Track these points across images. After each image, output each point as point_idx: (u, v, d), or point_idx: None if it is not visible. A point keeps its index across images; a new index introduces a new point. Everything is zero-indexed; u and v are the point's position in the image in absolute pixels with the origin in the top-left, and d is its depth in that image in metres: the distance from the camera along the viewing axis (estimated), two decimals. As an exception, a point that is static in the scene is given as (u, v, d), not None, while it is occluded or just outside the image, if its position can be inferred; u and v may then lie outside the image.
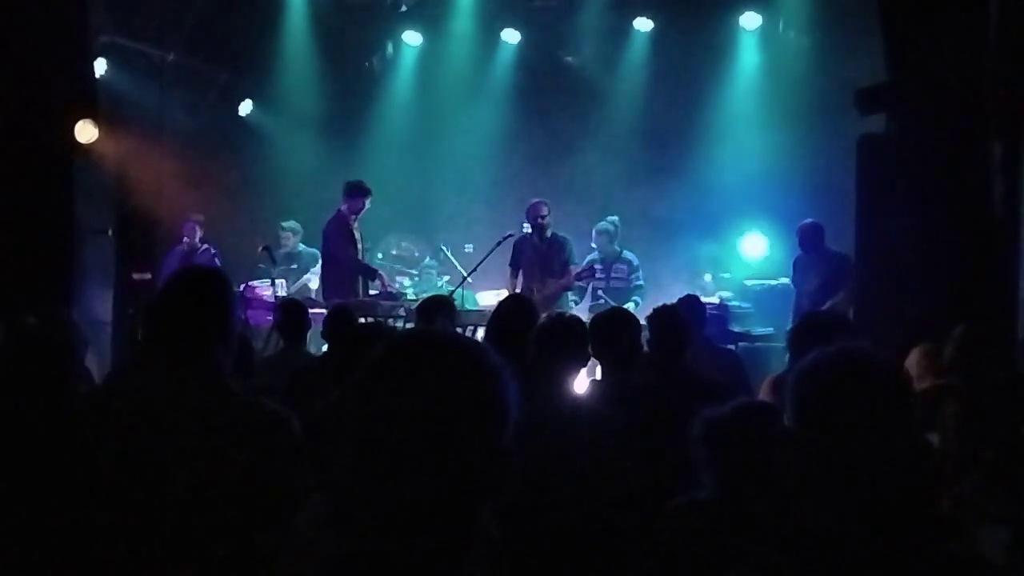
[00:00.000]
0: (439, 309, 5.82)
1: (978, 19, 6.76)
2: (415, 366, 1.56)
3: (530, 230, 9.91)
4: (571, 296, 10.20)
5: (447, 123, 13.01)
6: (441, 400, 1.54)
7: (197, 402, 2.70)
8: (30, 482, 2.81)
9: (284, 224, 11.33)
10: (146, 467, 2.61)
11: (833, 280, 9.14)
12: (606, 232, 10.35)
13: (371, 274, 9.64)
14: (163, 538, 2.57)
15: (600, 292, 10.17)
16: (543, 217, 9.74)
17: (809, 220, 9.75)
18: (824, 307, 8.77)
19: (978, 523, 3.82)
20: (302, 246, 11.15)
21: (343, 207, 9.65)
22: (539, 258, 9.75)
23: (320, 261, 10.31)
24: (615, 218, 10.56)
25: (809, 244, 9.50)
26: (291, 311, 6.61)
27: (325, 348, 6.40)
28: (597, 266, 10.13)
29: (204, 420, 2.66)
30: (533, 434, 3.74)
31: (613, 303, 9.28)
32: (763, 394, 6.19)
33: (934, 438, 4.33)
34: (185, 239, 10.93)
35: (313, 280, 10.77)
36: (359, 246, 9.68)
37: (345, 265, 9.49)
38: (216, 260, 10.57)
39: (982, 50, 6.78)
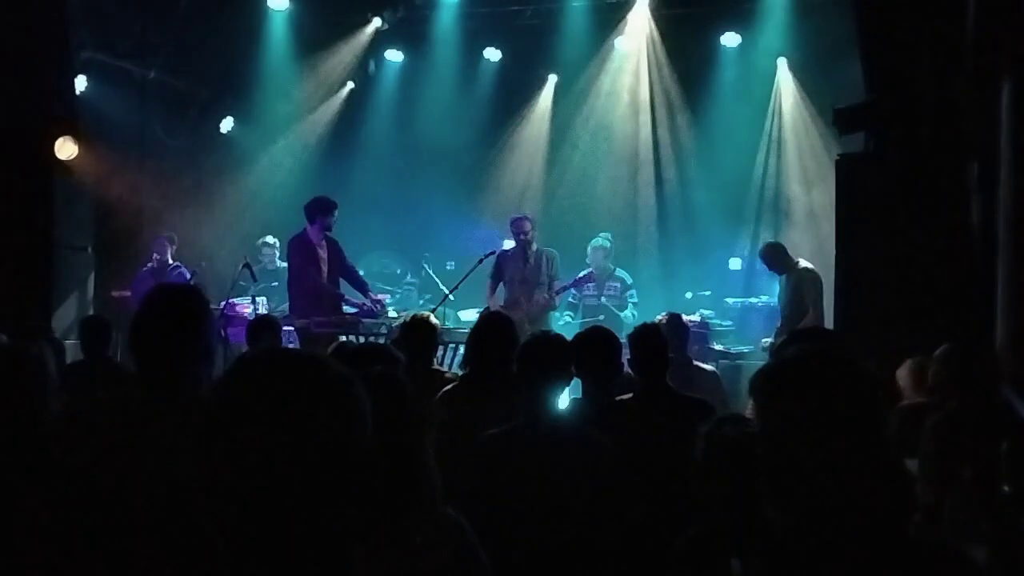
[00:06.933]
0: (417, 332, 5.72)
1: (955, 39, 6.83)
2: (266, 387, 1.62)
3: (511, 245, 9.91)
4: (566, 312, 10.25)
5: (429, 140, 13.03)
6: (295, 414, 1.59)
7: (168, 421, 2.68)
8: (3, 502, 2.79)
9: (266, 239, 11.28)
10: (114, 486, 2.59)
11: (798, 295, 9.19)
12: (602, 248, 10.37)
13: (334, 297, 9.50)
14: (130, 561, 2.55)
15: (594, 302, 10.22)
16: (526, 233, 9.71)
17: (768, 242, 9.84)
18: (798, 326, 8.83)
19: (954, 541, 3.84)
20: (280, 263, 11.04)
21: (308, 228, 9.47)
22: (524, 273, 9.73)
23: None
24: (609, 234, 10.58)
25: (772, 264, 9.54)
26: (260, 326, 6.62)
27: None
28: (590, 283, 10.18)
29: (174, 439, 2.65)
30: (517, 451, 3.75)
31: (603, 320, 9.35)
32: (749, 413, 6.22)
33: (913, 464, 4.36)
34: (155, 255, 10.78)
35: None
36: (324, 267, 9.42)
37: (307, 286, 9.40)
38: (187, 279, 10.43)
39: (959, 69, 6.85)
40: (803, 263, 9.42)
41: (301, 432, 1.58)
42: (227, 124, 12.63)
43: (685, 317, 7.72)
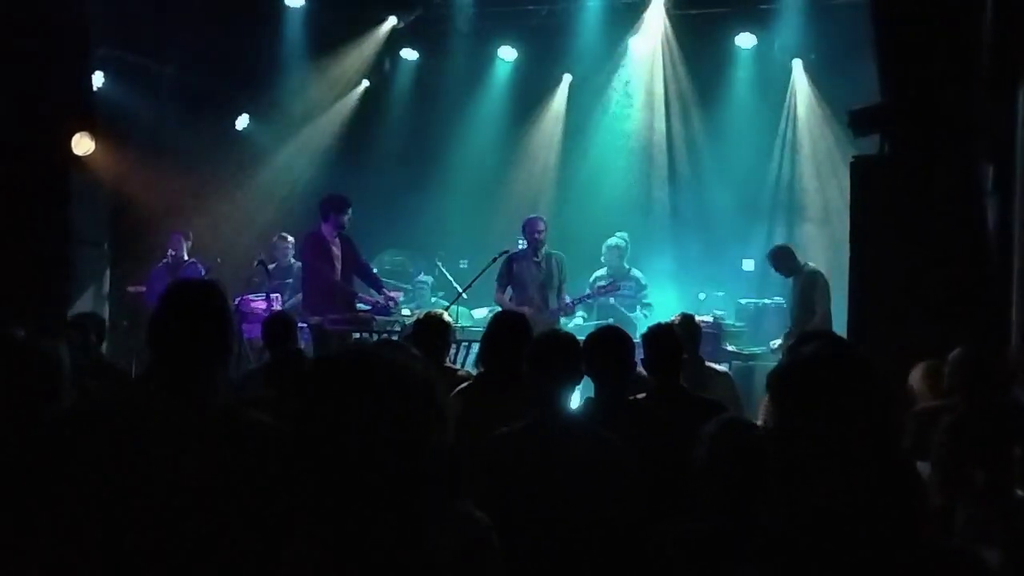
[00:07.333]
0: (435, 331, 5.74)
1: (971, 41, 6.82)
2: (350, 386, 1.69)
3: (525, 246, 9.86)
4: (579, 312, 10.22)
5: (443, 138, 13.06)
6: (377, 410, 1.66)
7: (188, 417, 2.70)
8: (14, 499, 2.81)
9: (281, 236, 11.31)
10: (135, 482, 2.61)
11: (805, 297, 9.19)
12: (617, 248, 10.34)
13: (347, 294, 9.51)
14: (151, 555, 2.57)
15: (606, 302, 10.20)
16: (539, 233, 9.61)
17: (776, 244, 9.84)
18: (807, 328, 8.83)
19: (967, 544, 3.84)
20: (295, 260, 11.02)
21: (322, 225, 9.48)
22: (537, 275, 9.68)
23: None
24: (625, 234, 10.56)
25: (779, 267, 9.54)
26: (276, 324, 6.66)
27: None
28: (601, 283, 10.13)
29: (193, 435, 2.67)
30: (527, 450, 3.76)
31: (613, 321, 9.33)
32: (761, 412, 6.23)
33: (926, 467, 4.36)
34: (171, 251, 10.79)
35: None
36: (337, 264, 9.42)
37: (320, 283, 9.39)
38: (202, 274, 10.45)
39: (975, 72, 6.83)
40: (811, 265, 9.43)
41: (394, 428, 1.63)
42: (243, 121, 12.67)
43: (698, 317, 7.73)
